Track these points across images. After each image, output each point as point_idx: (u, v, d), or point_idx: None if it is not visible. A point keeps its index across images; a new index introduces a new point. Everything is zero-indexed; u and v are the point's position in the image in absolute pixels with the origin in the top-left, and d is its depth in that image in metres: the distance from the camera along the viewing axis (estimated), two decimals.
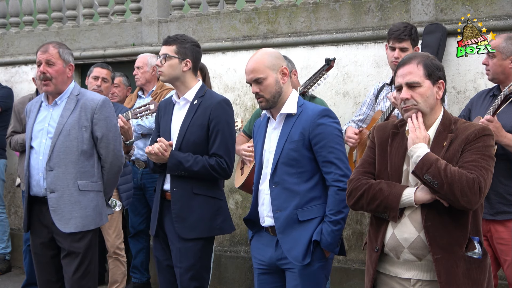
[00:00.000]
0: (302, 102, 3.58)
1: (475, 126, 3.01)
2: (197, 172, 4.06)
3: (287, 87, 3.59)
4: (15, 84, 7.86)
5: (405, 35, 4.72)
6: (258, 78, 3.51)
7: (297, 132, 3.49)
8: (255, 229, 3.69)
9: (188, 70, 4.18)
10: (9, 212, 7.77)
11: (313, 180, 3.51)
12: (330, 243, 3.44)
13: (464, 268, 2.91)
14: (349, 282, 5.72)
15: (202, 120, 4.12)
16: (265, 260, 3.61)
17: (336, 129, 3.52)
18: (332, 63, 4.89)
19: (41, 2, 8.08)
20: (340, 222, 3.45)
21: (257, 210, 3.65)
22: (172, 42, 4.18)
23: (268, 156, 3.58)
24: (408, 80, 3.01)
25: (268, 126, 3.66)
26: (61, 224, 4.17)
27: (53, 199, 4.17)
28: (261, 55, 3.59)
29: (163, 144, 4.06)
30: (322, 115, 3.50)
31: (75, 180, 4.19)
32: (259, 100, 3.56)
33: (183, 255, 4.09)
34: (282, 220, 3.48)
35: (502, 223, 4.07)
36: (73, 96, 4.28)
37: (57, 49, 4.27)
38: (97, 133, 4.23)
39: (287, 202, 3.49)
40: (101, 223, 4.32)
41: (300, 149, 3.48)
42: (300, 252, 3.45)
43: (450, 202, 2.86)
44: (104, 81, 5.58)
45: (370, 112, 5.01)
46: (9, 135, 5.99)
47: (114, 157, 4.30)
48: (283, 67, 3.56)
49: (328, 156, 3.46)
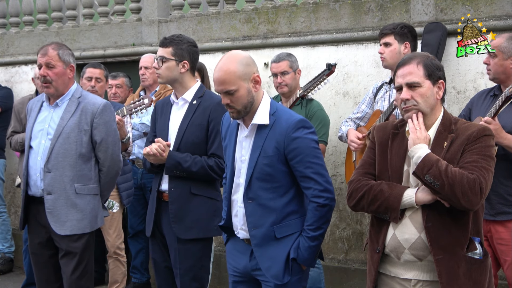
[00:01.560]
0: (274, 110, 3.34)
1: (476, 126, 3.01)
2: (195, 172, 4.05)
3: (259, 94, 3.35)
4: (15, 84, 7.86)
5: (386, 30, 4.73)
6: (229, 90, 3.26)
7: (271, 146, 3.28)
8: (229, 232, 3.55)
9: (186, 72, 4.16)
10: (9, 212, 7.76)
11: (289, 195, 3.34)
12: (307, 259, 3.30)
13: (465, 268, 2.91)
14: (349, 282, 5.72)
15: (201, 120, 4.11)
16: (239, 268, 3.48)
17: (313, 141, 3.31)
18: (333, 68, 4.86)
19: (41, 2, 8.08)
20: (319, 238, 3.29)
21: (231, 219, 3.49)
22: (168, 44, 4.15)
23: (241, 166, 3.40)
24: (408, 80, 3.00)
25: (239, 132, 3.44)
26: (57, 226, 4.17)
27: (50, 201, 4.17)
28: (231, 63, 3.29)
29: (161, 144, 4.03)
30: (297, 127, 3.27)
31: (72, 183, 4.19)
32: (230, 111, 3.33)
33: (182, 257, 4.08)
34: (259, 237, 3.33)
35: (502, 223, 4.06)
36: (74, 98, 4.27)
37: (57, 51, 4.24)
38: (96, 137, 4.23)
39: (263, 219, 3.32)
40: (96, 226, 4.31)
41: (274, 164, 3.29)
42: (279, 271, 3.30)
43: (451, 202, 2.86)
44: (97, 81, 5.57)
45: (368, 110, 5.00)
46: (9, 135, 5.99)
47: (112, 161, 4.30)
48: (255, 75, 3.31)
49: (305, 172, 3.27)
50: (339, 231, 5.84)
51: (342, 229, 5.83)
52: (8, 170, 7.49)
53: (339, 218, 5.83)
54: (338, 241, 5.86)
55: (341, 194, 5.77)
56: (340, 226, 5.84)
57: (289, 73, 5.03)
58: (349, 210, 5.62)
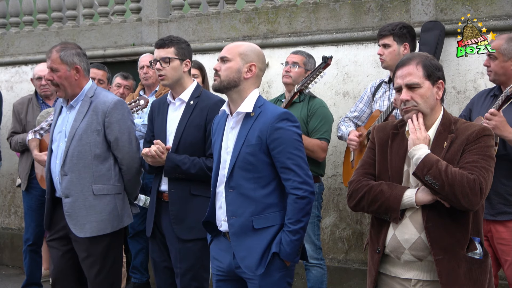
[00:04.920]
0: (262, 103, 3.41)
1: (475, 126, 3.01)
2: (194, 174, 4.05)
3: (249, 84, 3.42)
4: (15, 84, 7.86)
5: (385, 31, 4.72)
6: (224, 56, 3.42)
7: (254, 135, 3.33)
8: (213, 233, 3.56)
9: (187, 71, 4.18)
10: (9, 212, 7.77)
11: (270, 186, 3.35)
12: (289, 253, 3.29)
13: (465, 268, 2.91)
14: (349, 282, 5.72)
15: (199, 121, 4.11)
16: (223, 267, 3.47)
17: (296, 134, 3.34)
18: (329, 61, 4.87)
19: (41, 2, 8.08)
20: (299, 231, 3.28)
21: (215, 213, 3.50)
22: (169, 44, 4.14)
23: (225, 157, 3.44)
24: (407, 81, 3.00)
25: (226, 124, 3.50)
26: (76, 229, 4.13)
27: (68, 204, 4.14)
28: (243, 43, 3.53)
29: (160, 147, 4.03)
30: (281, 118, 3.32)
31: (90, 184, 4.14)
32: (215, 77, 3.44)
33: (183, 256, 4.08)
34: (237, 227, 3.34)
35: (503, 223, 4.07)
36: (87, 98, 4.22)
37: (59, 53, 4.19)
38: (110, 136, 4.18)
39: (242, 208, 3.33)
40: (121, 225, 4.25)
41: (257, 153, 3.32)
42: (253, 262, 3.31)
43: (451, 203, 2.86)
44: (100, 83, 5.57)
45: (366, 109, 5.00)
46: (9, 135, 5.99)
47: (130, 159, 4.25)
48: (253, 64, 3.41)
49: (286, 162, 3.29)
50: (339, 231, 5.85)
51: (342, 229, 5.83)
52: (8, 170, 7.49)
53: (339, 218, 5.83)
54: (338, 241, 5.86)
55: (341, 194, 5.78)
56: (340, 226, 5.84)
57: (299, 67, 5.05)
58: (349, 210, 5.62)
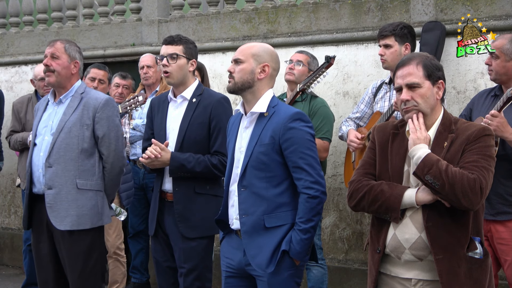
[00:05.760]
0: (276, 103, 3.44)
1: (476, 126, 3.01)
2: (199, 172, 4.05)
3: (263, 85, 3.45)
4: (15, 84, 7.86)
5: (386, 31, 4.72)
6: (238, 58, 3.46)
7: (267, 135, 3.36)
8: (226, 230, 3.58)
9: (192, 71, 4.19)
10: (9, 212, 7.77)
11: (282, 186, 3.37)
12: (299, 252, 3.32)
13: (465, 268, 2.91)
14: (349, 282, 5.72)
15: (202, 118, 4.11)
16: (234, 264, 3.49)
17: (308, 134, 3.37)
18: (332, 61, 4.88)
19: (41, 2, 8.08)
20: (310, 230, 3.31)
21: (228, 211, 3.53)
22: (178, 42, 4.15)
23: (239, 156, 3.46)
24: (408, 81, 3.00)
25: (241, 124, 3.54)
26: (56, 221, 4.14)
27: (50, 196, 4.15)
28: (256, 44, 3.58)
29: (158, 147, 4.02)
30: (294, 118, 3.35)
31: (74, 178, 4.17)
32: (229, 79, 3.49)
33: (187, 256, 4.08)
34: (248, 225, 3.37)
35: (503, 223, 4.07)
36: (77, 94, 4.26)
37: (64, 44, 4.28)
38: (98, 132, 4.21)
39: (254, 207, 3.36)
40: (100, 223, 4.26)
41: (270, 153, 3.35)
42: (263, 260, 3.33)
43: (452, 202, 2.86)
44: (100, 83, 5.57)
45: (368, 110, 5.00)
46: (9, 134, 5.99)
47: (116, 157, 4.27)
48: (266, 64, 3.44)
49: (298, 162, 3.32)
50: (339, 231, 5.85)
51: (342, 229, 5.83)
52: (8, 170, 7.49)
53: (339, 218, 5.83)
54: (338, 241, 5.86)
55: (341, 194, 5.78)
56: (340, 226, 5.84)
57: (303, 66, 5.07)
58: (349, 210, 5.62)
